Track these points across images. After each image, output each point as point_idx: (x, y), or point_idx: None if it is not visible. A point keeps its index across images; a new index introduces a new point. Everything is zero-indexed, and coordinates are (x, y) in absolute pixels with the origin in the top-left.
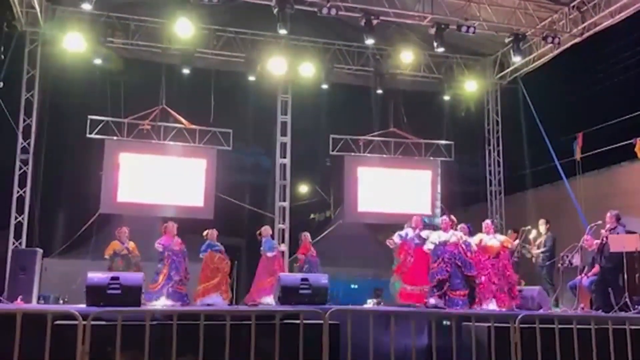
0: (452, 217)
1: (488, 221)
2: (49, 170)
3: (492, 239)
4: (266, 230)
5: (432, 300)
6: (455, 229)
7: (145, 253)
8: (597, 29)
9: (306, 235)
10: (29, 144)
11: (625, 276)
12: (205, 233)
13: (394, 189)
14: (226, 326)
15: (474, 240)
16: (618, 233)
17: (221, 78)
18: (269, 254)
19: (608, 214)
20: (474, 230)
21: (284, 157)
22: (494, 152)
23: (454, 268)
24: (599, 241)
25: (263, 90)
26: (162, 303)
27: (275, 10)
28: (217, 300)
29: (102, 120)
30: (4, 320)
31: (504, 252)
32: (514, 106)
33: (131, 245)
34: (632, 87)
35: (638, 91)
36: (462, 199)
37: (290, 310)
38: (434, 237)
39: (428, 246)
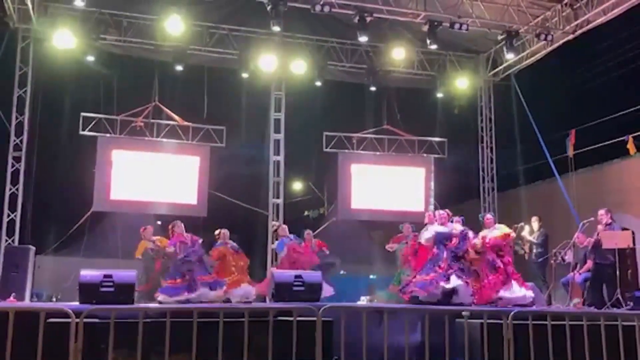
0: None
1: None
2: (41, 167)
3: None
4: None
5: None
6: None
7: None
8: (590, 26)
9: (309, 233)
10: (21, 141)
11: (618, 272)
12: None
13: (387, 186)
14: (219, 323)
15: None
16: (614, 229)
17: (214, 75)
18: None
19: (602, 211)
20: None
21: (278, 154)
22: (486, 148)
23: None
24: (591, 238)
25: (256, 87)
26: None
27: (268, 7)
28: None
29: (95, 117)
30: None
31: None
32: (506, 103)
33: (159, 239)
34: (625, 84)
35: (630, 88)
36: (455, 196)
37: (284, 307)
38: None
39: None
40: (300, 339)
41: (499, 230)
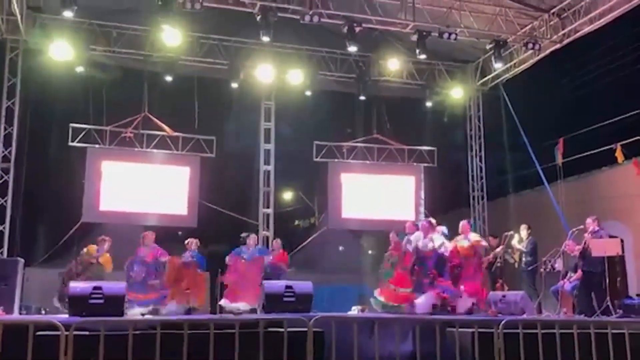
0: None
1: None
2: (30, 178)
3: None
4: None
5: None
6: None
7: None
8: (577, 35)
9: (277, 241)
10: (10, 153)
11: (607, 280)
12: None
13: (377, 195)
14: (210, 335)
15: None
16: (601, 236)
17: (204, 85)
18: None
19: (589, 220)
20: (451, 235)
21: (268, 164)
22: (476, 157)
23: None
24: (580, 246)
25: (246, 97)
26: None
27: (258, 18)
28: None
29: (84, 128)
30: None
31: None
32: (495, 112)
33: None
34: (612, 92)
35: (618, 96)
36: (445, 205)
37: (275, 318)
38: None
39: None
40: (291, 350)
41: (466, 241)
